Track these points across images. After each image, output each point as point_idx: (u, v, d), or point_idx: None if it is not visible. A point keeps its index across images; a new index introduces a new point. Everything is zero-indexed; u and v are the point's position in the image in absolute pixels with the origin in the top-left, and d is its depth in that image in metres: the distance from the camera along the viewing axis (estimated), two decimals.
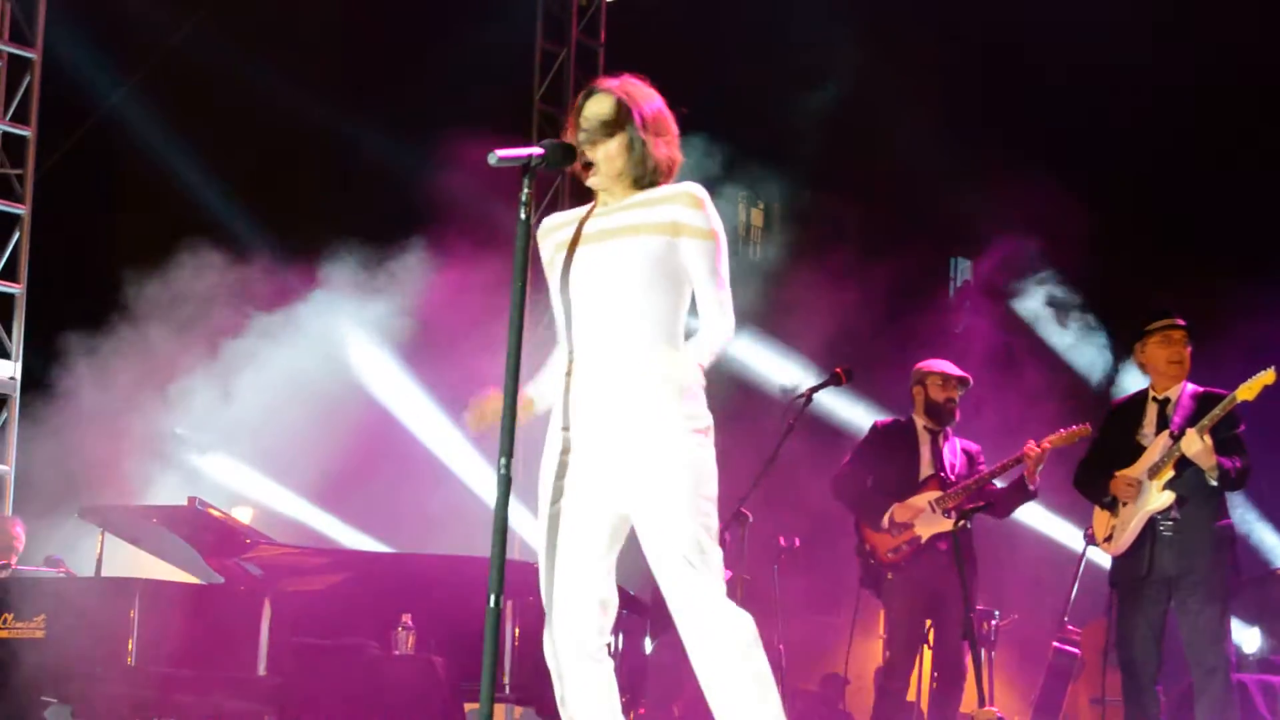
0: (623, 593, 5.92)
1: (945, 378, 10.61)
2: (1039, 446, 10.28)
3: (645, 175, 5.78)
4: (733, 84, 15.41)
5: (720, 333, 5.69)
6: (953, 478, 10.47)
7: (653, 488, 5.57)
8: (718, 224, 5.72)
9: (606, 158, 5.75)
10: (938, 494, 10.41)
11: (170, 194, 15.25)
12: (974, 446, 10.73)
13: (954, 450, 10.65)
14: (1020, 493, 10.45)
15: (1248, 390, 8.92)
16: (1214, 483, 9.01)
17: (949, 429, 10.65)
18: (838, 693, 13.02)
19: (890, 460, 10.58)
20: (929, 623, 10.47)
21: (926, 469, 10.55)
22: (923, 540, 10.36)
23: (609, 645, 5.78)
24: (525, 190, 5.43)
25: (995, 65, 15.31)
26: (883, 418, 10.93)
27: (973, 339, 14.54)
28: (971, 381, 10.69)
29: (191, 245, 14.25)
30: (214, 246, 14.26)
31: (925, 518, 10.39)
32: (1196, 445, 8.94)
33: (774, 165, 15.84)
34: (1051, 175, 14.43)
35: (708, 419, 5.69)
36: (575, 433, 5.71)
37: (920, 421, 10.64)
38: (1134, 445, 9.33)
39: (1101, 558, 11.11)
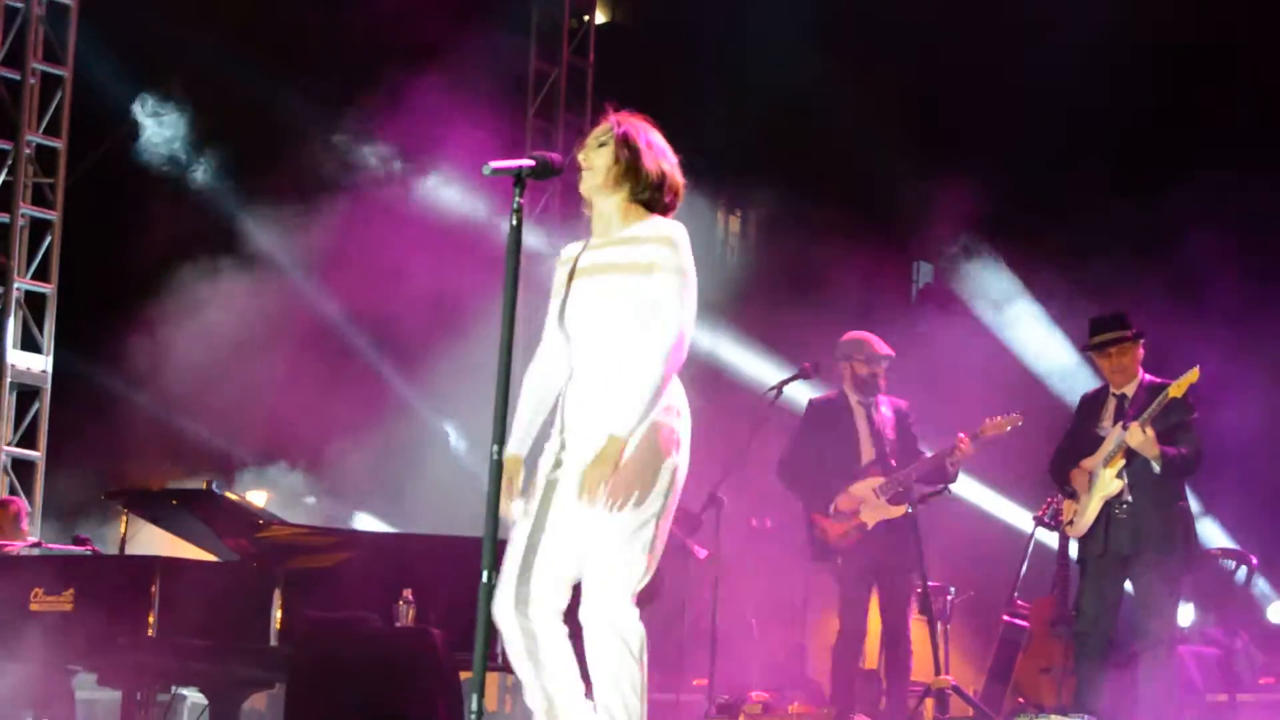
0: None
1: (870, 355, 10.52)
2: (969, 440, 10.33)
3: (636, 185, 5.93)
4: (711, 98, 15.42)
5: (661, 338, 5.75)
6: (892, 461, 10.46)
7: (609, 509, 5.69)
8: (688, 264, 5.86)
9: (597, 167, 5.90)
10: (880, 481, 10.40)
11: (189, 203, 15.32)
12: (903, 403, 10.68)
13: (886, 417, 10.61)
14: (942, 479, 10.49)
15: (1177, 388, 9.02)
16: (1157, 469, 9.07)
17: (878, 397, 10.63)
18: (802, 660, 13.03)
19: (831, 439, 10.54)
20: (877, 594, 10.51)
21: (867, 451, 10.50)
22: (869, 526, 10.35)
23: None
24: (516, 199, 5.52)
25: (951, 71, 15.26)
26: (816, 395, 10.92)
27: (934, 338, 14.53)
28: (894, 355, 10.65)
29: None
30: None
31: (870, 505, 10.38)
32: (1139, 437, 9.03)
33: (750, 176, 15.87)
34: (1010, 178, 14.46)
35: (681, 430, 5.85)
36: (568, 438, 5.89)
37: (853, 396, 10.61)
38: (1094, 436, 9.43)
39: (1048, 538, 11.18)
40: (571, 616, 5.84)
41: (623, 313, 5.79)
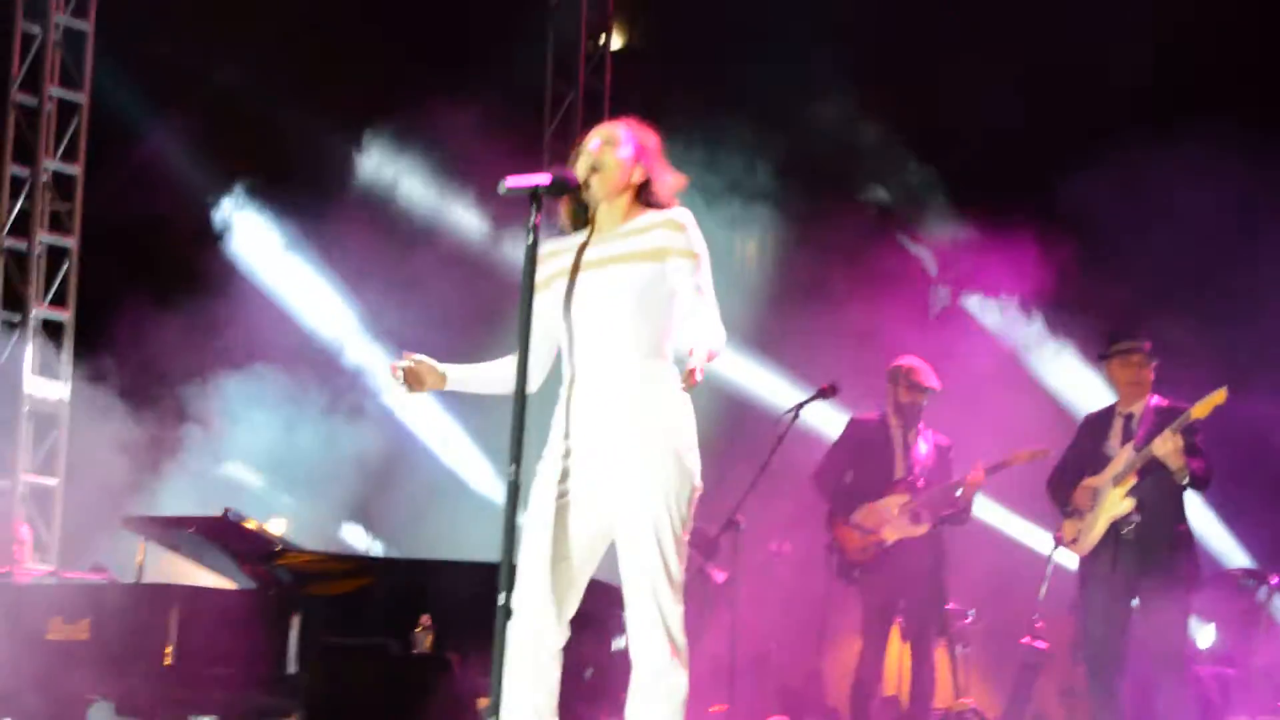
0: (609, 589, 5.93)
1: (911, 384, 10.64)
2: (983, 470, 10.33)
3: (647, 189, 5.85)
4: (729, 122, 15.39)
5: (716, 333, 5.62)
6: (920, 482, 10.48)
7: (633, 506, 5.65)
8: (700, 245, 5.76)
9: (611, 169, 5.80)
10: (905, 499, 10.43)
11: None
12: (945, 440, 10.75)
13: (925, 447, 10.65)
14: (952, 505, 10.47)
15: (1202, 409, 8.93)
16: (1184, 482, 8.99)
17: (920, 425, 10.66)
18: (821, 686, 12.96)
19: (867, 457, 10.65)
20: (899, 620, 10.51)
21: (899, 470, 10.57)
22: (888, 543, 10.40)
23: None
24: (532, 216, 5.46)
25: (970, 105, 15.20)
26: (860, 413, 10.94)
27: (951, 362, 14.46)
28: (939, 389, 10.69)
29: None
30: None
31: (892, 522, 10.43)
32: (1169, 445, 8.92)
33: (766, 199, 15.83)
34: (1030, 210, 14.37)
35: (694, 435, 5.74)
36: (574, 442, 5.74)
37: (894, 420, 10.67)
38: (1101, 455, 9.37)
39: (1069, 559, 11.08)
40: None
41: (628, 305, 5.66)
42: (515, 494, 5.31)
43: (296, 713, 9.80)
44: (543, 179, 5.56)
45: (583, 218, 5.93)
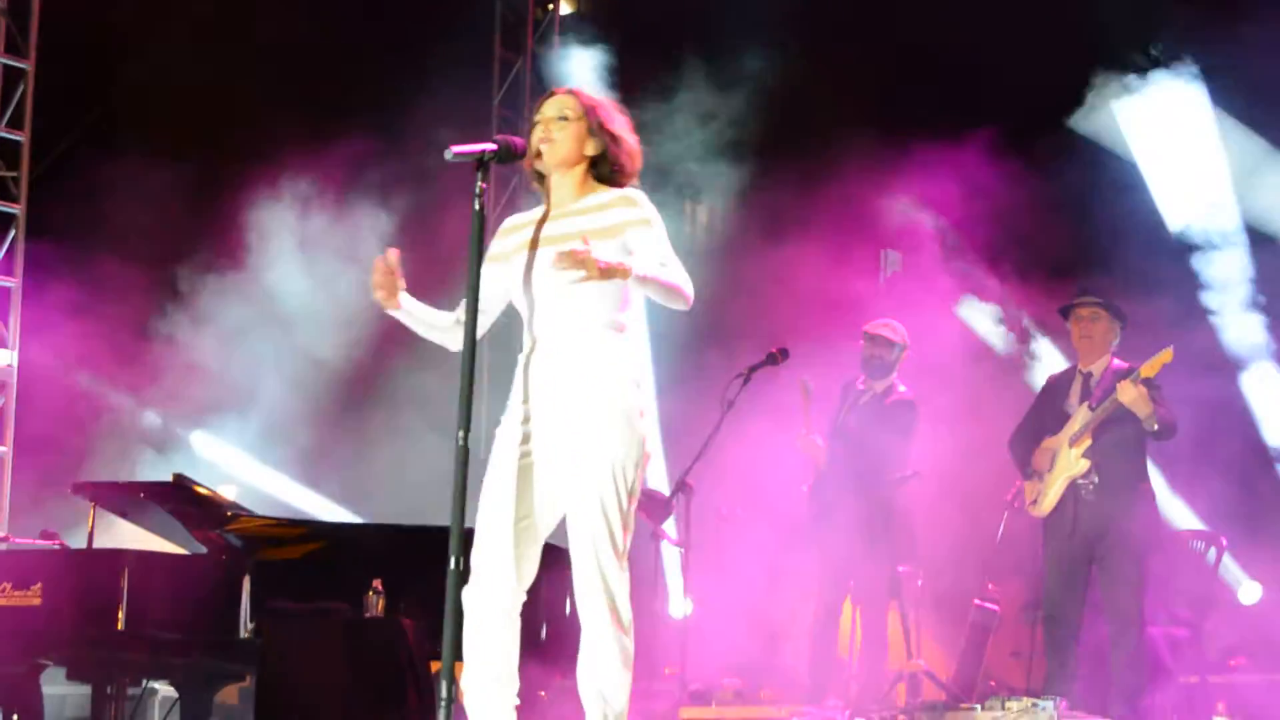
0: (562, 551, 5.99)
1: (866, 336, 10.77)
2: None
3: (603, 160, 5.92)
4: (678, 87, 15.41)
5: (677, 276, 5.74)
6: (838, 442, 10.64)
7: (581, 473, 5.72)
8: (654, 215, 5.84)
9: (563, 141, 5.86)
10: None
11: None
12: (901, 396, 10.74)
13: (869, 402, 10.70)
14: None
15: (1149, 368, 9.00)
16: (1154, 428, 9.03)
17: (890, 383, 10.70)
18: (774, 647, 13.04)
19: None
20: (851, 582, 10.60)
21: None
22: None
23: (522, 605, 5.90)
24: (479, 184, 5.49)
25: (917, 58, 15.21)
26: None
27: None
28: (895, 339, 10.72)
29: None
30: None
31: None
32: (1131, 393, 8.98)
33: (717, 166, 15.85)
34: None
35: (646, 403, 5.82)
36: (531, 408, 5.83)
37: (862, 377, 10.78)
38: (1060, 414, 9.45)
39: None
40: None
41: (585, 281, 5.64)
42: (465, 459, 5.36)
43: (248, 677, 9.86)
44: (489, 145, 5.60)
45: (542, 184, 6.01)
